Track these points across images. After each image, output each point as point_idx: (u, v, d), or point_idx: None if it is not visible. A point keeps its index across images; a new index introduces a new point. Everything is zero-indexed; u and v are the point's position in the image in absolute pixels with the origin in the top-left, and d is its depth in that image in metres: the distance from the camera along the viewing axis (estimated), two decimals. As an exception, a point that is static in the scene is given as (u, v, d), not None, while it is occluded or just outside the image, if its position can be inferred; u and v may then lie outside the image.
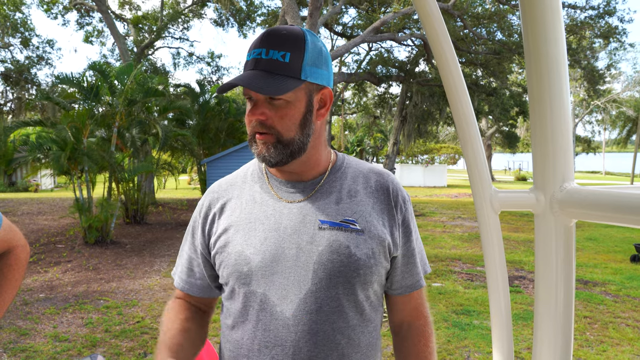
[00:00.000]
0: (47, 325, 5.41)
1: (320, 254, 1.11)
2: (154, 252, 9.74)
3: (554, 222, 0.89)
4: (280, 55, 1.07)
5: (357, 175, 1.23)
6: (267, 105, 1.10)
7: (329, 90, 1.16)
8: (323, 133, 1.19)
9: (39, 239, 10.91)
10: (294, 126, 1.11)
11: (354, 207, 1.17)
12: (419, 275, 1.26)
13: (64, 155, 9.80)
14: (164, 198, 20.89)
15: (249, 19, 22.60)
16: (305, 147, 1.14)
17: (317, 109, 1.15)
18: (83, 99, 11.11)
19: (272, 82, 1.06)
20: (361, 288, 1.14)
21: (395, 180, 1.25)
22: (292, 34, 1.10)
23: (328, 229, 1.13)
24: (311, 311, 1.10)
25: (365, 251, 1.12)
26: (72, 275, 7.79)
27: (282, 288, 1.11)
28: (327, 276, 1.10)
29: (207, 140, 17.81)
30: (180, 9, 23.85)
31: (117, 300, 6.37)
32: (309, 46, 1.11)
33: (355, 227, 1.14)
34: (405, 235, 1.22)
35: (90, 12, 22.88)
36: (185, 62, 28.15)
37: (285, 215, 1.16)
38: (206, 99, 18.29)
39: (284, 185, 1.21)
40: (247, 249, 1.14)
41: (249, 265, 1.13)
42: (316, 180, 1.21)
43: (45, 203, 18.42)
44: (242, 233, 1.17)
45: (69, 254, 9.35)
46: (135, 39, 23.16)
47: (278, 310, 1.11)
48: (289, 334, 1.10)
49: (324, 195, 1.18)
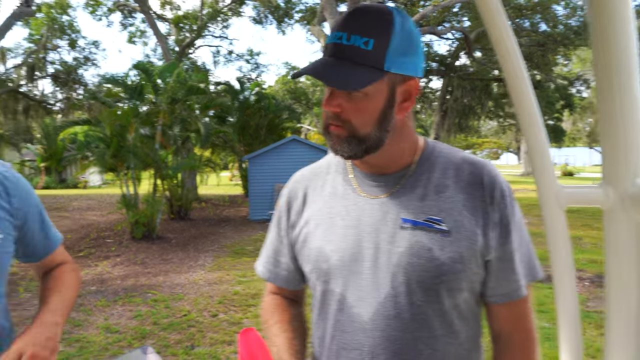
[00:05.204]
0: (98, 316, 5.60)
1: (399, 255, 1.01)
2: (198, 247, 9.94)
3: (625, 219, 0.86)
4: (362, 42, 0.95)
5: (448, 166, 1.07)
6: (345, 96, 0.99)
7: (415, 82, 1.02)
8: (408, 125, 1.07)
9: (88, 233, 11.30)
10: (370, 121, 0.99)
11: (441, 204, 1.03)
12: (518, 283, 1.06)
13: (109, 152, 10.12)
14: (207, 194, 21.27)
15: (287, 15, 22.68)
16: (382, 143, 1.02)
17: (399, 102, 1.01)
18: (128, 98, 11.44)
19: (348, 73, 0.95)
20: (447, 295, 1.01)
21: (493, 171, 1.07)
22: (380, 16, 0.97)
23: (410, 228, 1.02)
24: (389, 317, 1.01)
25: (451, 254, 0.99)
26: (121, 269, 8.04)
27: (360, 289, 1.04)
28: (407, 281, 1.00)
29: (247, 136, 18.04)
30: (219, 7, 24.16)
31: (164, 294, 6.54)
32: (396, 31, 0.96)
33: (440, 227, 1.01)
34: (502, 236, 1.03)
35: (133, 13, 23.46)
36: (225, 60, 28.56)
37: (366, 211, 1.07)
38: (246, 96, 18.50)
39: (367, 178, 1.10)
40: (327, 246, 1.08)
41: (327, 263, 1.08)
42: (400, 173, 1.08)
43: (94, 199, 19.07)
44: (322, 228, 1.11)
45: (117, 249, 9.65)
46: (177, 38, 23.62)
47: (355, 312, 1.04)
48: (367, 339, 1.03)
49: (408, 190, 1.06)
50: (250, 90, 19.12)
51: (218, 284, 7.02)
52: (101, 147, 10.56)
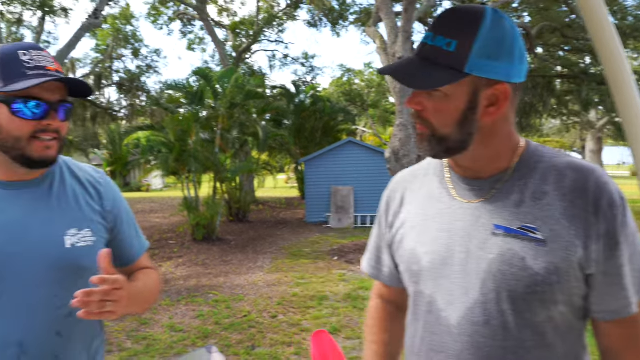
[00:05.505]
0: (163, 315, 5.79)
1: (490, 262, 0.98)
2: (257, 249, 10.10)
3: None
4: (445, 43, 0.95)
5: (549, 172, 1.01)
6: (426, 95, 0.99)
7: (504, 87, 0.96)
8: (502, 128, 1.03)
9: (152, 235, 11.72)
10: (450, 122, 0.98)
11: (538, 212, 0.97)
12: (628, 300, 0.97)
13: (172, 157, 10.46)
14: (264, 197, 21.61)
15: (342, 18, 22.70)
16: (465, 145, 1.00)
17: (485, 106, 0.98)
18: (188, 103, 11.79)
19: (425, 73, 0.96)
20: (540, 307, 0.96)
21: (602, 178, 0.97)
22: (468, 18, 0.96)
23: (502, 235, 0.98)
24: (477, 323, 0.99)
25: (545, 265, 0.94)
26: (184, 270, 8.29)
27: (449, 293, 1.03)
28: (496, 288, 0.97)
29: (303, 139, 18.19)
30: (275, 12, 24.51)
31: (225, 295, 6.68)
32: (484, 33, 0.94)
33: (535, 236, 0.96)
34: (608, 249, 0.95)
35: (192, 21, 24.17)
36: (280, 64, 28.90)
37: (459, 216, 1.06)
38: (301, 99, 18.66)
39: (462, 181, 1.09)
40: (419, 247, 1.10)
41: (419, 265, 1.09)
42: (496, 177, 1.04)
43: (156, 202, 19.77)
44: (416, 230, 1.12)
45: (179, 250, 9.96)
46: (234, 44, 24.13)
47: (443, 315, 1.04)
48: (454, 343, 1.02)
49: (503, 196, 1.02)
50: (305, 93, 19.28)
51: (277, 286, 7.10)
52: (164, 152, 10.93)
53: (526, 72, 1.03)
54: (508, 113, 1.02)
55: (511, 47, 0.97)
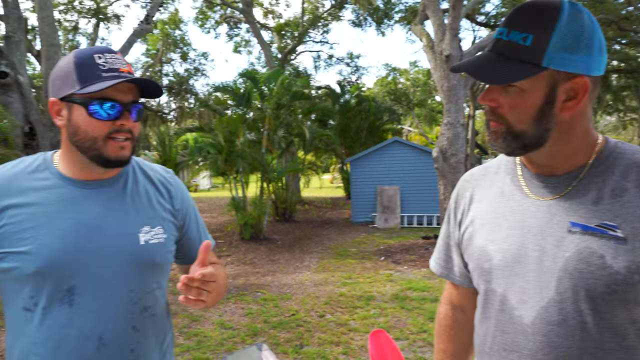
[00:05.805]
0: (214, 313, 5.91)
1: (566, 260, 0.96)
2: (303, 249, 10.17)
3: None
4: (521, 38, 0.94)
5: (630, 168, 0.98)
6: (501, 91, 0.99)
7: (583, 80, 0.95)
8: (580, 124, 1.01)
9: (201, 234, 11.98)
10: (526, 118, 0.97)
11: (618, 209, 0.94)
12: None
13: (221, 157, 10.67)
14: (309, 197, 21.73)
15: (387, 16, 22.56)
16: (542, 141, 0.99)
17: (563, 100, 0.96)
18: (236, 105, 11.99)
19: (501, 68, 0.95)
20: (620, 307, 0.93)
21: None
22: (544, 11, 0.94)
23: (579, 233, 0.96)
24: (552, 322, 0.97)
25: (626, 264, 0.90)
26: (232, 269, 8.43)
27: (522, 292, 1.02)
28: (573, 287, 0.95)
29: (348, 139, 18.19)
30: (319, 13, 24.61)
31: (273, 293, 6.75)
32: (561, 26, 0.92)
33: (615, 234, 0.92)
34: None
35: (238, 24, 24.58)
36: (325, 65, 29.02)
37: (531, 213, 1.04)
38: (346, 99, 18.65)
39: (535, 179, 1.07)
40: (490, 245, 1.08)
41: (490, 263, 1.08)
42: (572, 174, 1.02)
43: (205, 202, 20.23)
44: (486, 227, 1.11)
45: (228, 249, 10.14)
46: (279, 45, 24.39)
47: (516, 314, 1.02)
48: (527, 342, 1.00)
49: (580, 193, 0.99)
50: (350, 93, 19.27)
51: (324, 285, 7.12)
52: (212, 153, 11.16)
53: (605, 65, 0.99)
54: (586, 108, 1.00)
55: (590, 40, 0.94)
